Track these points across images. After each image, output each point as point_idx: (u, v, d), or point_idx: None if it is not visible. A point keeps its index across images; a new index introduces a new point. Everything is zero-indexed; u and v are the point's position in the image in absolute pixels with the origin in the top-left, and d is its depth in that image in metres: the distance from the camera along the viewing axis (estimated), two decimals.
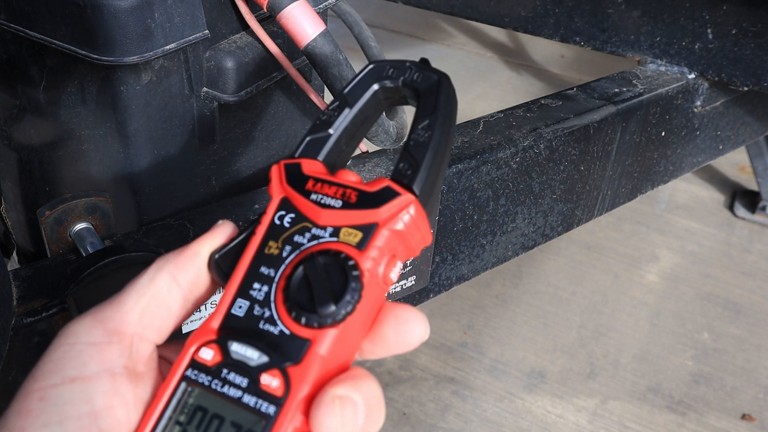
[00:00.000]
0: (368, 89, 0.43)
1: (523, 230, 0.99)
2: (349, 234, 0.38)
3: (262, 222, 0.40)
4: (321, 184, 0.40)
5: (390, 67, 0.42)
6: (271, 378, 0.36)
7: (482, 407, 1.49)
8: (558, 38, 1.19)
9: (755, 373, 1.60)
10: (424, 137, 0.39)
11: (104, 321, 0.37)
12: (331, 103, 0.43)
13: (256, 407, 0.35)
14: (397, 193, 0.38)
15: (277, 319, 0.37)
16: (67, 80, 0.73)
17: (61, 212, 0.70)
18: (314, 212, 0.39)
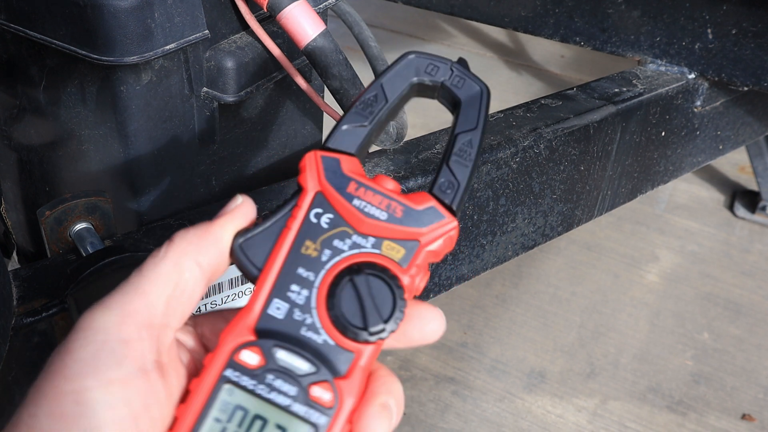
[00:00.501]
0: (406, 82, 0.42)
1: (523, 230, 0.99)
2: (391, 248, 0.39)
3: (295, 215, 0.39)
4: (365, 190, 0.39)
5: (430, 62, 0.42)
6: (322, 391, 0.37)
7: (482, 407, 1.49)
8: (558, 38, 1.19)
9: (755, 373, 1.60)
10: (466, 155, 0.40)
11: (133, 315, 0.36)
12: (367, 89, 0.41)
13: (306, 417, 0.36)
14: (442, 216, 0.39)
15: (319, 328, 0.38)
16: (67, 80, 0.74)
17: (61, 212, 0.70)
18: (356, 219, 0.39)
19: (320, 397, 0.37)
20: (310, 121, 0.94)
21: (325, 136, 0.43)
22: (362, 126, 0.41)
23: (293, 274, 0.38)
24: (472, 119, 0.40)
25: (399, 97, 0.42)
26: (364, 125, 0.41)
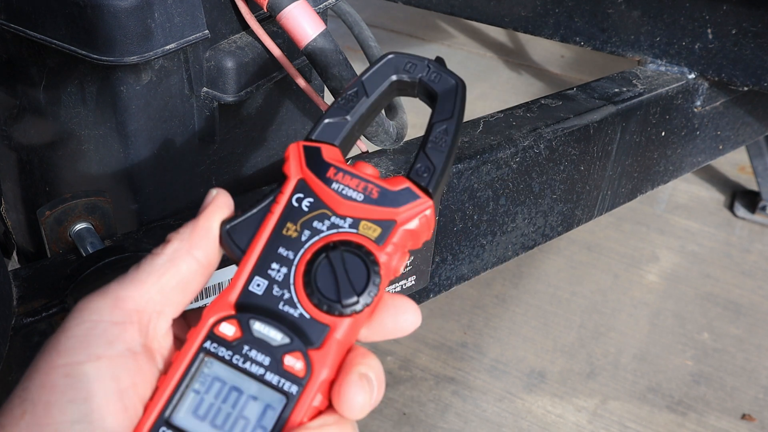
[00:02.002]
0: (386, 79, 0.44)
1: (523, 230, 0.99)
2: (368, 228, 0.40)
3: (278, 201, 0.41)
4: (342, 174, 0.41)
5: (408, 61, 0.44)
6: (294, 360, 0.38)
7: (482, 407, 1.49)
8: (558, 38, 1.19)
9: (755, 373, 1.60)
10: (442, 141, 0.42)
11: (125, 300, 0.38)
12: (348, 86, 0.44)
13: (278, 385, 0.38)
14: (417, 196, 0.41)
15: (296, 302, 0.39)
16: (67, 80, 0.74)
17: (61, 212, 0.70)
18: (335, 201, 0.41)
19: (292, 366, 0.38)
20: (310, 121, 0.94)
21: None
22: (344, 119, 0.43)
23: (274, 254, 0.40)
24: (448, 110, 0.43)
25: (379, 93, 0.44)
26: (346, 119, 0.43)
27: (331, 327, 0.39)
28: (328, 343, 0.39)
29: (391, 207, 0.41)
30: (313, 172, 0.41)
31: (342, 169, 0.42)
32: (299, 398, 0.38)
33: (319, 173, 0.41)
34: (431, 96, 0.44)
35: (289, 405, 0.38)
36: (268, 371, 0.38)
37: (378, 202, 0.41)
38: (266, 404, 0.38)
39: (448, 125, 0.42)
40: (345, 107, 0.43)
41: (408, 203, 0.41)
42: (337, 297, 0.39)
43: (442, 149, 0.42)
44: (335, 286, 0.39)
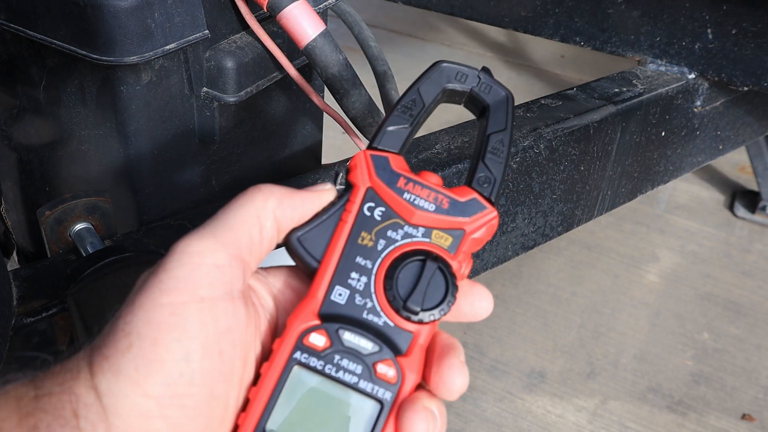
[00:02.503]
0: (439, 88, 0.46)
1: (523, 230, 0.99)
2: (440, 237, 0.42)
3: (349, 209, 0.43)
4: (413, 185, 0.43)
5: (459, 71, 0.46)
6: (386, 368, 0.40)
7: (482, 407, 1.49)
8: (558, 38, 1.19)
9: (755, 373, 1.60)
10: (499, 152, 0.45)
11: (226, 245, 0.38)
12: (405, 94, 0.45)
13: (373, 393, 0.40)
14: (484, 206, 0.43)
15: (379, 311, 0.41)
16: (67, 80, 0.74)
17: (61, 212, 0.70)
18: (407, 211, 0.42)
19: (385, 374, 0.40)
20: (310, 121, 0.94)
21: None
22: (404, 127, 0.45)
23: (352, 263, 0.42)
24: (501, 121, 0.45)
25: (433, 101, 0.46)
26: (406, 127, 0.45)
27: (414, 334, 0.41)
28: (414, 349, 0.40)
29: (461, 217, 0.43)
30: (383, 182, 0.43)
31: (411, 179, 0.43)
32: (393, 404, 0.39)
33: (389, 183, 0.43)
34: (481, 107, 0.46)
35: (384, 411, 0.39)
36: (361, 379, 0.40)
37: (448, 213, 0.43)
38: (361, 412, 0.39)
39: (503, 136, 0.45)
40: (404, 115, 0.45)
41: (476, 213, 0.43)
42: (420, 306, 0.41)
43: (500, 160, 0.44)
44: (417, 295, 0.41)
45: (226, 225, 0.39)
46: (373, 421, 0.39)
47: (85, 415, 0.33)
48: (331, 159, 0.98)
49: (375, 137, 0.45)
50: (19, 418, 0.33)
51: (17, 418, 0.33)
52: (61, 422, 0.33)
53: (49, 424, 0.33)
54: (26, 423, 0.33)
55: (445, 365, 0.40)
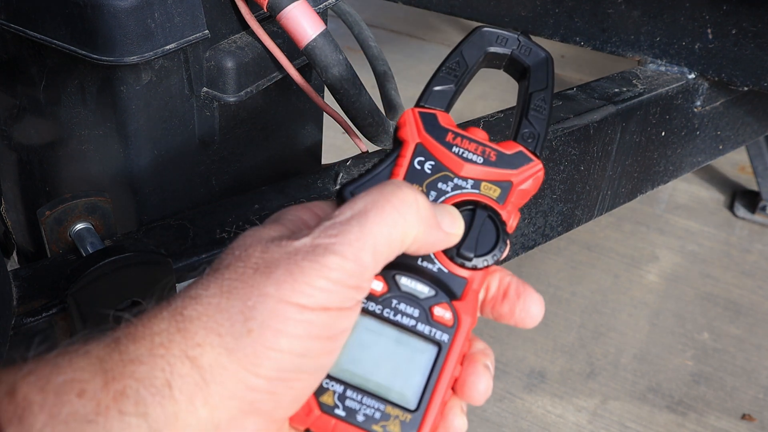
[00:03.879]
0: (482, 51, 0.47)
1: (523, 230, 0.99)
2: (489, 188, 0.44)
3: (400, 164, 0.44)
4: (461, 139, 0.44)
5: (499, 35, 0.48)
6: (443, 311, 0.41)
7: (482, 407, 1.49)
8: (558, 38, 1.19)
9: (755, 373, 1.60)
10: (542, 109, 0.46)
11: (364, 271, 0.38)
12: (449, 57, 0.47)
13: (430, 335, 0.41)
14: (530, 159, 0.45)
15: (434, 258, 0.42)
16: (67, 80, 0.73)
17: (61, 212, 0.70)
18: (456, 164, 0.44)
19: (442, 317, 0.41)
20: (310, 121, 0.94)
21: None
22: (449, 87, 0.46)
23: None
24: (542, 80, 0.47)
25: (476, 64, 0.47)
26: (451, 86, 0.46)
27: (468, 280, 0.42)
28: (468, 294, 0.42)
29: (508, 169, 0.44)
30: (431, 137, 0.44)
31: (459, 134, 0.44)
32: (451, 345, 0.41)
33: (438, 137, 0.44)
34: (521, 68, 0.47)
35: (442, 352, 0.41)
36: (419, 322, 0.41)
37: (496, 165, 0.44)
38: (420, 353, 0.41)
39: (545, 94, 0.46)
40: (449, 75, 0.46)
41: (523, 165, 0.44)
42: (473, 253, 0.42)
43: (543, 116, 0.46)
44: (469, 241, 0.42)
45: (370, 247, 0.37)
46: (432, 363, 0.41)
47: (179, 386, 0.33)
48: (331, 159, 0.98)
49: (422, 97, 0.46)
50: (104, 381, 0.32)
51: (102, 381, 0.32)
52: (152, 391, 0.33)
53: (139, 391, 0.32)
54: (112, 387, 0.32)
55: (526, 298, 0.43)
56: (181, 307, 0.35)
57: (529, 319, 0.43)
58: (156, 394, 0.33)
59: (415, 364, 0.41)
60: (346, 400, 0.40)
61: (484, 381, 0.42)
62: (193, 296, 0.36)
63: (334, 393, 0.40)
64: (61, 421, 0.31)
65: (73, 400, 0.31)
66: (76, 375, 0.32)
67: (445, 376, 0.41)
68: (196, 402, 0.33)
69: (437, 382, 0.40)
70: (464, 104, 2.36)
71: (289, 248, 0.37)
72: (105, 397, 0.32)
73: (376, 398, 0.40)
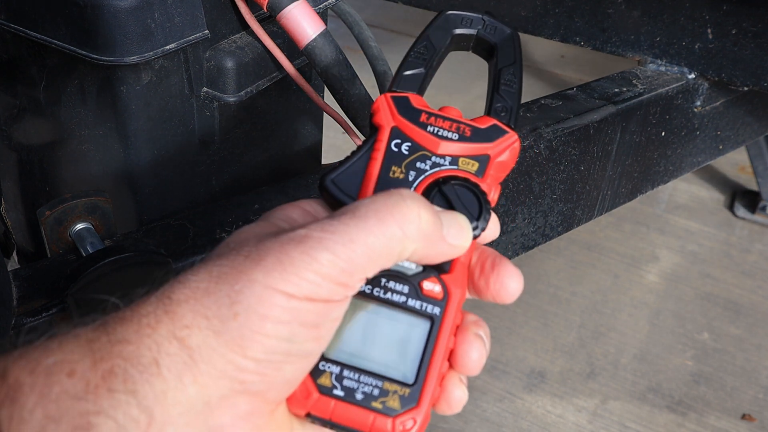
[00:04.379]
0: (448, 34, 0.48)
1: (523, 230, 0.99)
2: (467, 163, 0.44)
3: (377, 148, 0.44)
4: (435, 118, 0.45)
5: (464, 17, 0.48)
6: (432, 285, 0.42)
7: (482, 407, 1.49)
8: (558, 38, 1.19)
9: (755, 373, 1.60)
10: (512, 83, 0.47)
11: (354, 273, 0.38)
12: (416, 42, 0.48)
13: (422, 309, 0.41)
14: (504, 131, 0.45)
15: None
16: (67, 80, 0.74)
17: (61, 212, 0.70)
18: (432, 142, 0.44)
19: (431, 290, 0.42)
20: (310, 121, 0.94)
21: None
22: (419, 71, 0.47)
23: None
24: (510, 56, 0.48)
25: (444, 47, 0.48)
26: (421, 70, 0.47)
27: None
28: (456, 267, 0.42)
29: (484, 143, 0.45)
30: (405, 119, 0.45)
31: (432, 113, 0.45)
32: (443, 318, 0.41)
33: (412, 119, 0.45)
34: (489, 47, 0.48)
35: (435, 325, 0.41)
36: (409, 298, 0.41)
37: (472, 140, 0.45)
38: (413, 328, 0.41)
39: (514, 69, 0.47)
40: (418, 60, 0.47)
41: (498, 138, 0.45)
42: None
43: (513, 90, 0.46)
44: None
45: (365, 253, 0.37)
46: (426, 336, 0.41)
47: (167, 364, 0.34)
48: (331, 159, 0.98)
49: (393, 83, 0.46)
50: (93, 361, 0.33)
51: (91, 362, 0.33)
52: (140, 369, 0.33)
53: (126, 370, 0.33)
54: (101, 367, 0.33)
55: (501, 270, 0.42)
56: (169, 291, 0.36)
57: (504, 291, 0.43)
58: (144, 371, 0.33)
59: (409, 339, 0.41)
60: (343, 380, 0.40)
61: (476, 349, 0.42)
62: (181, 281, 0.36)
63: (331, 374, 0.40)
64: (51, 400, 0.32)
65: (63, 380, 0.32)
66: (65, 356, 0.33)
67: (440, 348, 0.41)
68: (185, 380, 0.34)
69: (432, 355, 0.41)
70: (464, 104, 2.36)
71: (282, 238, 0.37)
72: (94, 376, 0.32)
73: (373, 376, 0.40)
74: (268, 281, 0.35)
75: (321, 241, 0.36)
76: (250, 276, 0.36)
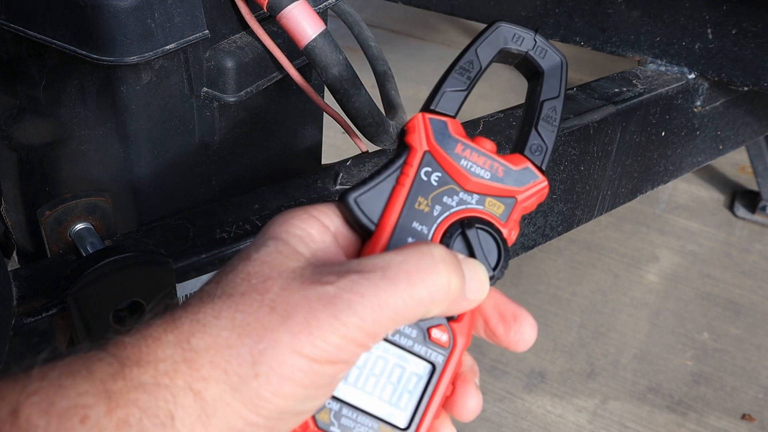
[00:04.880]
0: (496, 49, 0.46)
1: (523, 230, 0.99)
2: (493, 204, 0.43)
3: (406, 173, 0.43)
4: (470, 152, 0.43)
5: (516, 33, 0.46)
6: (440, 333, 0.42)
7: (482, 407, 1.49)
8: (558, 38, 1.19)
9: (755, 373, 1.60)
10: (552, 120, 0.45)
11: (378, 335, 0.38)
12: (463, 55, 0.45)
13: (426, 356, 0.41)
14: (536, 176, 0.44)
15: None
16: (67, 80, 0.74)
17: (61, 212, 0.70)
18: (463, 178, 0.43)
19: (439, 339, 0.42)
20: (310, 121, 0.94)
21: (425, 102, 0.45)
22: (461, 90, 0.45)
23: (409, 228, 0.42)
24: (555, 88, 0.47)
25: (489, 63, 0.46)
26: (463, 90, 0.45)
27: None
28: (466, 315, 0.42)
29: (514, 186, 0.44)
30: (440, 147, 0.43)
31: (469, 145, 0.43)
32: (444, 367, 0.41)
33: (447, 148, 0.43)
34: (535, 71, 0.46)
35: (436, 373, 0.41)
36: (416, 343, 0.41)
37: (503, 181, 0.43)
38: (415, 373, 0.41)
39: (556, 104, 0.46)
40: (462, 77, 0.45)
41: (529, 183, 0.44)
42: None
43: (552, 128, 0.45)
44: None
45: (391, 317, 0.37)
46: (425, 383, 0.41)
47: (181, 417, 0.33)
48: (331, 159, 0.98)
49: (433, 98, 0.44)
50: (108, 408, 0.32)
51: (106, 408, 0.32)
52: (155, 421, 0.33)
53: (141, 421, 0.33)
54: (115, 414, 0.32)
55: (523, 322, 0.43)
56: (188, 333, 0.35)
57: (522, 342, 0.43)
58: (158, 424, 0.33)
59: (410, 383, 0.41)
60: (342, 418, 0.40)
61: (474, 400, 0.43)
62: (202, 322, 0.35)
63: (331, 411, 0.40)
64: None
65: (77, 427, 0.32)
66: (79, 400, 0.32)
67: (438, 395, 0.41)
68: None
69: (429, 402, 0.41)
70: (465, 104, 2.36)
71: (309, 293, 0.36)
72: (108, 425, 0.32)
73: (370, 417, 0.40)
74: (294, 345, 0.35)
75: (350, 304, 0.36)
76: (275, 336, 0.35)
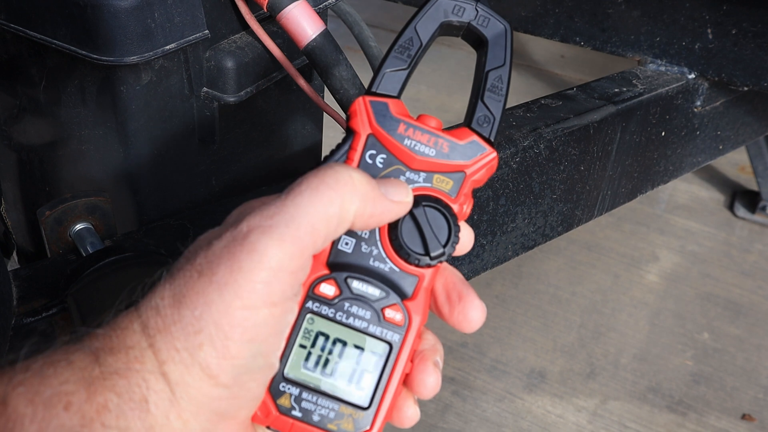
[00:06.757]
0: (437, 23, 0.45)
1: (523, 230, 0.99)
2: (441, 181, 0.43)
3: (351, 158, 0.43)
4: (413, 130, 0.43)
5: (457, 4, 0.45)
6: (394, 312, 0.42)
7: (482, 407, 1.49)
8: (558, 38, 1.19)
9: (755, 373, 1.60)
10: (498, 90, 0.44)
11: (304, 249, 0.37)
12: (401, 34, 0.45)
13: (382, 336, 0.42)
14: (483, 148, 0.44)
15: (385, 257, 0.42)
16: (67, 80, 0.74)
17: (61, 212, 0.70)
18: (408, 157, 0.43)
19: (393, 318, 0.42)
20: (310, 121, 0.94)
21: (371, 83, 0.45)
22: (402, 69, 0.44)
23: None
24: (500, 57, 0.45)
25: (430, 38, 0.45)
26: (404, 68, 0.44)
27: (419, 278, 0.42)
28: (420, 292, 0.42)
29: (461, 161, 0.43)
30: (383, 128, 0.43)
31: (411, 124, 0.43)
32: (402, 345, 0.42)
33: (389, 129, 0.43)
34: (479, 40, 0.45)
35: (393, 351, 0.42)
36: (371, 324, 0.42)
37: (449, 157, 0.43)
38: (371, 353, 0.42)
39: (502, 73, 0.44)
40: (402, 56, 0.44)
41: (476, 156, 0.43)
42: (425, 250, 0.42)
43: (498, 98, 0.44)
44: (421, 239, 0.42)
45: (307, 226, 0.37)
46: (383, 362, 0.42)
47: (155, 401, 0.35)
48: None
49: (373, 81, 0.44)
50: (88, 394, 0.34)
51: (86, 394, 0.34)
52: (131, 405, 0.35)
53: (119, 405, 0.34)
54: (95, 400, 0.34)
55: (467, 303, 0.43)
56: (146, 318, 0.37)
57: (466, 323, 0.43)
58: (135, 408, 0.35)
59: (367, 363, 0.42)
60: (302, 402, 0.41)
61: (433, 378, 0.43)
62: (154, 306, 0.37)
63: (291, 395, 0.41)
64: None
65: (61, 414, 0.34)
66: (62, 388, 0.34)
67: (396, 374, 0.42)
68: (170, 416, 0.35)
69: (388, 380, 0.42)
70: (464, 104, 2.36)
71: (226, 241, 0.37)
72: (89, 410, 0.34)
73: (330, 398, 0.41)
74: (224, 300, 0.36)
75: (264, 230, 0.36)
76: (206, 298, 0.36)
